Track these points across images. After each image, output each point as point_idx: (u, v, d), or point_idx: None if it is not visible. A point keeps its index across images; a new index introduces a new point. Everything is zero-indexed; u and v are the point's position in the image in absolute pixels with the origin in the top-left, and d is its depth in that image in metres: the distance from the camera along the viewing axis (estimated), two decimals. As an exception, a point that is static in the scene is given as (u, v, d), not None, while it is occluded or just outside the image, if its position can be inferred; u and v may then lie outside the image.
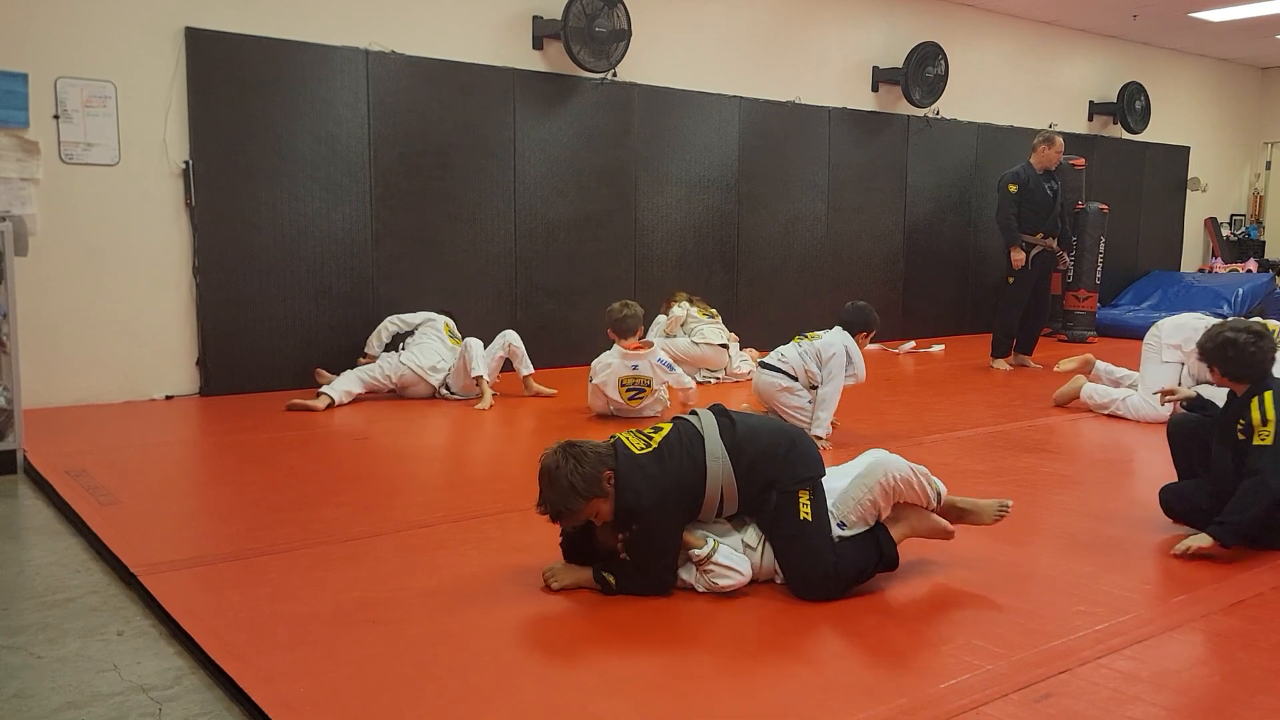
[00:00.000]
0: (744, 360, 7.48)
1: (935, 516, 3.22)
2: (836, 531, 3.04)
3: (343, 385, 6.14)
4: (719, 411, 3.16)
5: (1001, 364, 8.13)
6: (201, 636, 2.68)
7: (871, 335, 5.25)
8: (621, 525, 3.02)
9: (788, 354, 5.17)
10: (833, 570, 2.96)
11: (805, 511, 2.98)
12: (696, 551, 2.98)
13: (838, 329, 5.15)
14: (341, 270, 6.88)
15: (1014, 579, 3.19)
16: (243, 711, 2.36)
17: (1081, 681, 2.47)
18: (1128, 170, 12.10)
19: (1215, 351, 3.59)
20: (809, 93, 9.19)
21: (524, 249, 7.65)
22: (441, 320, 6.64)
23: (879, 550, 3.05)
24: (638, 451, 3.01)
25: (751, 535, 3.07)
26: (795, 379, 5.09)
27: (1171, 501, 3.75)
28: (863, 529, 3.08)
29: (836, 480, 3.21)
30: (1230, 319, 4.04)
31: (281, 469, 4.65)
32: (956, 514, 3.31)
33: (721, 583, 2.97)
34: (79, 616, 2.94)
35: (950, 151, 10.37)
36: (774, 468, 3.02)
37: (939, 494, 3.21)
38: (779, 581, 3.06)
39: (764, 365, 5.22)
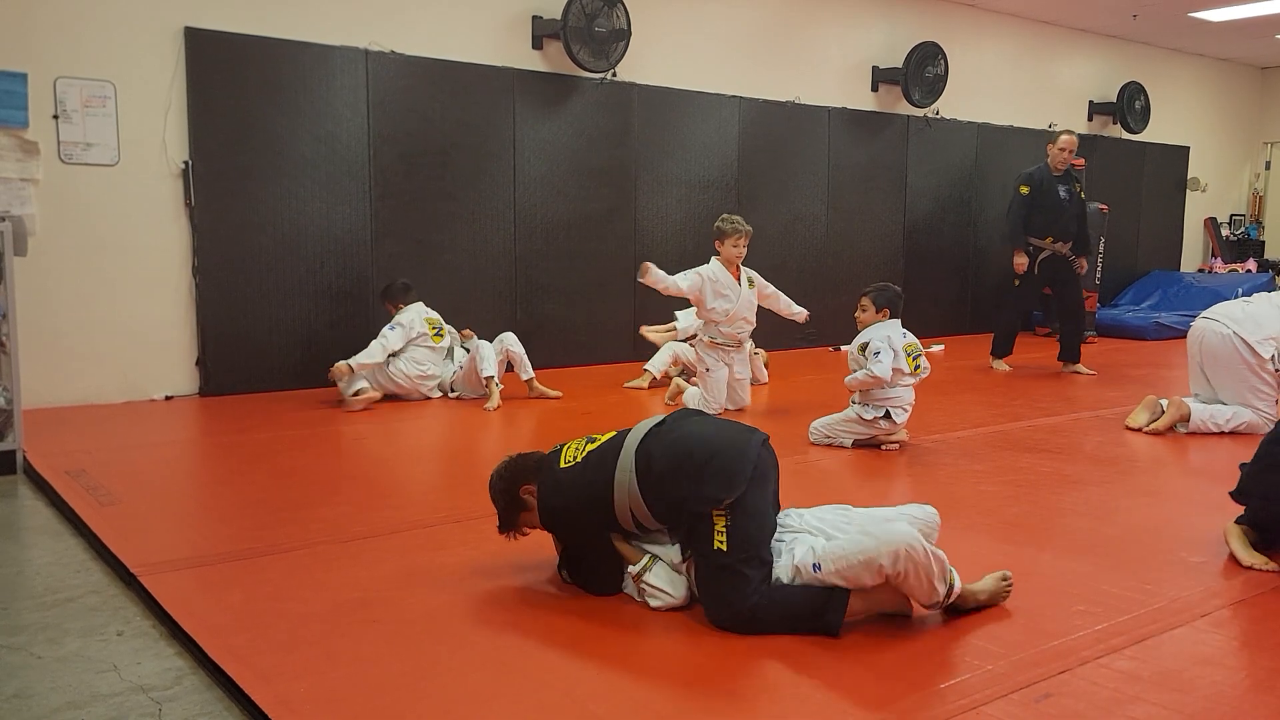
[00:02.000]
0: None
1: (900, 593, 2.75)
2: (810, 571, 2.68)
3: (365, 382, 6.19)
4: (677, 415, 3.03)
5: (1000, 365, 8.06)
6: (201, 637, 2.67)
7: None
8: (552, 535, 3.09)
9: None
10: (748, 612, 2.66)
11: (720, 540, 2.68)
12: (632, 568, 2.91)
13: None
14: (341, 270, 6.88)
15: (1014, 578, 3.18)
16: (242, 711, 2.36)
17: (1082, 681, 2.46)
18: (1127, 170, 12.10)
19: None
20: (809, 93, 9.19)
21: (524, 249, 7.65)
22: (424, 324, 6.38)
23: (822, 611, 2.65)
24: (564, 465, 3.00)
25: (676, 554, 2.89)
26: None
27: None
28: (829, 584, 2.69)
29: (847, 523, 2.86)
30: None
31: (281, 469, 4.65)
32: (969, 599, 2.85)
33: (652, 603, 2.85)
34: (79, 616, 2.94)
35: (950, 151, 10.37)
36: (681, 485, 2.77)
37: (950, 588, 2.72)
38: None
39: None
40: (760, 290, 6.12)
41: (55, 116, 5.90)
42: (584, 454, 3.00)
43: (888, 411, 5.03)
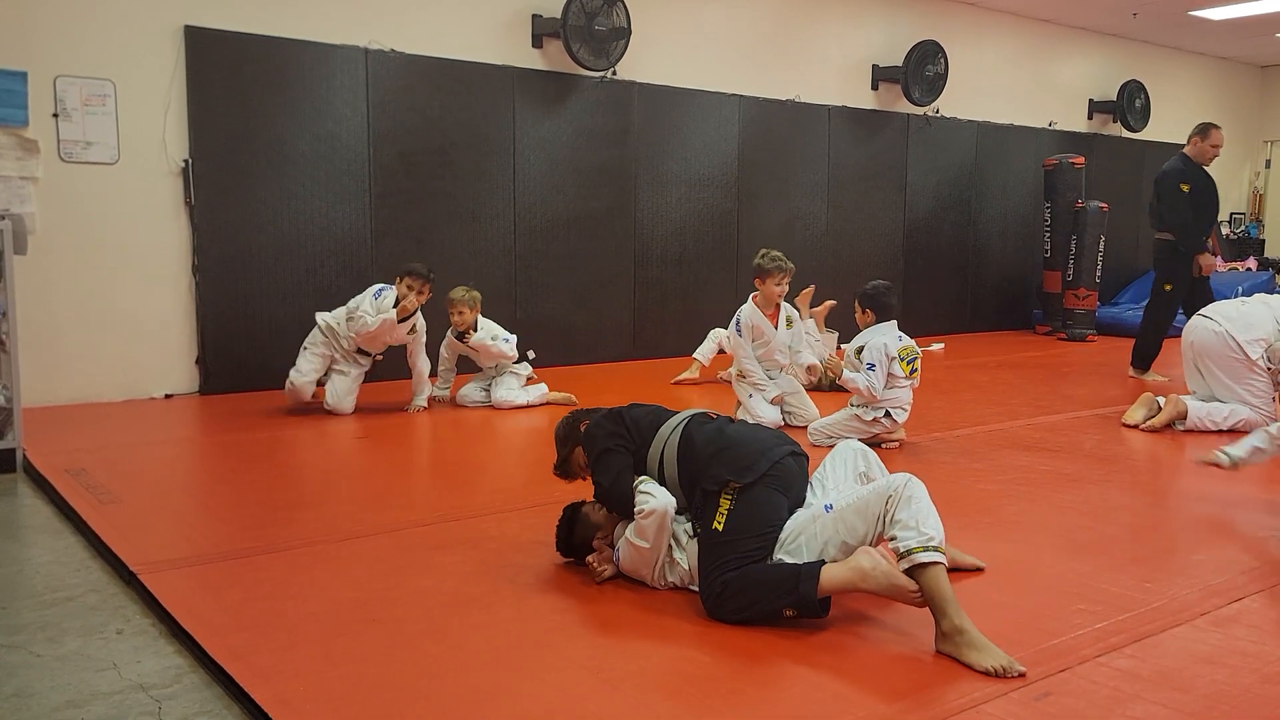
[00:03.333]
0: None
1: (894, 571, 2.64)
2: (822, 511, 2.79)
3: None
4: (714, 417, 3.19)
5: (1154, 375, 7.41)
6: (201, 635, 2.67)
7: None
8: (587, 454, 3.20)
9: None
10: (720, 585, 2.74)
11: (719, 520, 2.81)
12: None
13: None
14: (341, 269, 6.88)
15: (1013, 577, 3.19)
16: (242, 710, 2.36)
17: (1081, 680, 2.46)
18: (1127, 169, 12.09)
19: None
20: (809, 91, 9.19)
21: (523, 247, 7.65)
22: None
23: (795, 584, 2.67)
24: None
25: (691, 527, 3.02)
26: None
27: None
28: (832, 531, 2.75)
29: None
30: None
31: (281, 468, 4.65)
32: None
33: (640, 505, 2.92)
34: (78, 615, 2.94)
35: (950, 150, 10.37)
36: (699, 462, 2.95)
37: (921, 543, 2.60)
38: None
39: None
40: (795, 332, 5.76)
41: (55, 115, 5.90)
42: (633, 404, 3.27)
43: (887, 412, 5.04)
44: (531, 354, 6.75)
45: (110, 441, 5.12)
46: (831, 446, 5.02)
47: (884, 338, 5.00)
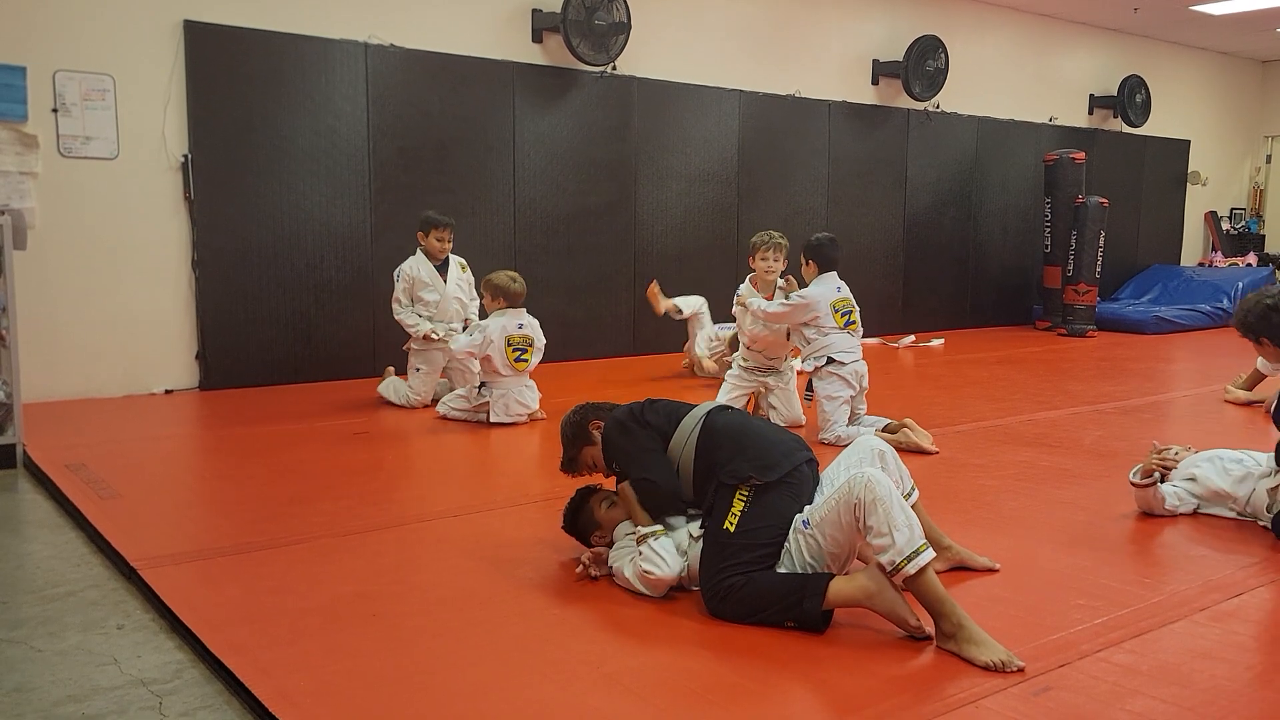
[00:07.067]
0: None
1: (899, 599, 2.65)
2: (801, 527, 2.76)
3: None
4: (733, 409, 3.19)
5: None
6: (201, 630, 2.68)
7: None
8: (608, 462, 3.17)
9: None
10: (725, 590, 2.73)
11: (730, 521, 2.78)
12: (641, 529, 2.97)
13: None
14: (341, 264, 6.87)
15: (1013, 572, 3.19)
16: (242, 705, 2.37)
17: (1080, 675, 2.47)
18: (1128, 164, 12.09)
19: (1260, 323, 3.50)
20: (809, 86, 9.18)
21: (523, 243, 7.65)
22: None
23: (800, 597, 2.67)
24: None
25: (696, 528, 2.99)
26: None
27: None
28: (816, 547, 2.72)
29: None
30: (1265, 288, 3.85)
31: (281, 463, 4.65)
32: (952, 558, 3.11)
33: (646, 566, 2.89)
34: (79, 610, 2.94)
35: (950, 145, 10.35)
36: (720, 452, 2.92)
37: (903, 554, 2.56)
38: None
39: None
40: None
41: (54, 110, 5.89)
42: (651, 399, 3.21)
43: (829, 359, 5.14)
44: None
45: (110, 437, 5.12)
46: (840, 440, 5.06)
47: (820, 288, 5.21)
